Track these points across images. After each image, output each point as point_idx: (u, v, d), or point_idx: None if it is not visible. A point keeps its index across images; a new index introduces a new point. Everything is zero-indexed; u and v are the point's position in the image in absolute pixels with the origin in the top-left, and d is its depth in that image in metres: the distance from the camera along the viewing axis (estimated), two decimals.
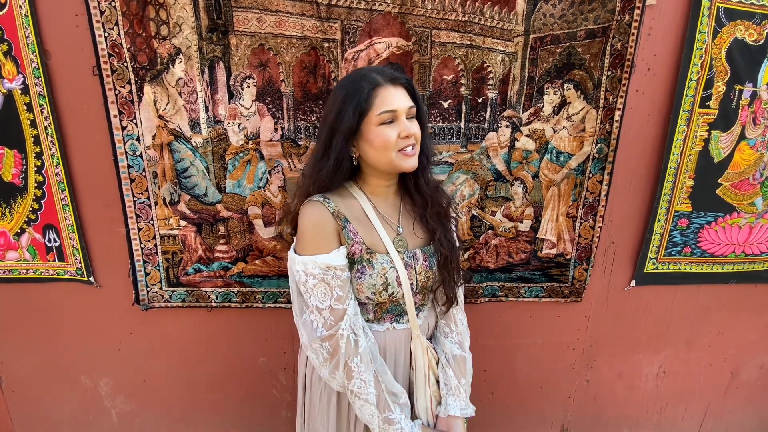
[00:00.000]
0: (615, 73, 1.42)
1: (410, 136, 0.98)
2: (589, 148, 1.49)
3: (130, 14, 1.25)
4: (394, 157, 0.99)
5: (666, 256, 1.69)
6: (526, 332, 1.77)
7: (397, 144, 0.98)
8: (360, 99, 0.96)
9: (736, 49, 1.45)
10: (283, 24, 1.30)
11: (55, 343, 1.64)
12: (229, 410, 1.79)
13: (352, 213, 1.05)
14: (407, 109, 0.99)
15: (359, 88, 0.97)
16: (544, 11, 1.35)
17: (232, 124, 1.38)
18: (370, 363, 1.02)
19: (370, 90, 0.96)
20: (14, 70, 1.31)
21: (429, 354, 1.14)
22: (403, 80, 1.01)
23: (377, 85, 0.97)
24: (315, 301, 0.98)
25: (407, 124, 0.99)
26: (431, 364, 1.14)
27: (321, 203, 1.02)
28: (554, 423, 1.95)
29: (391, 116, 0.97)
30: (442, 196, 1.12)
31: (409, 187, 1.11)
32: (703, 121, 1.52)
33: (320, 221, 1.00)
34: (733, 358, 1.92)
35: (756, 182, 1.62)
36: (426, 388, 1.13)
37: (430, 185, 1.10)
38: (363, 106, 0.96)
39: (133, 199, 1.43)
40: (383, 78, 0.98)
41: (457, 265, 1.12)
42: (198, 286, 1.55)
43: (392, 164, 1.00)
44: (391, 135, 0.97)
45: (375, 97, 0.97)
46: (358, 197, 1.07)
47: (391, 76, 1.00)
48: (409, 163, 1.00)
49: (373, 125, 0.98)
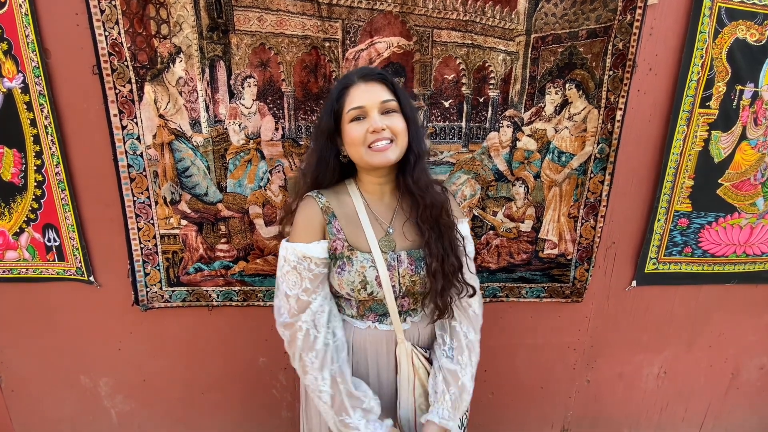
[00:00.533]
0: (617, 73, 1.42)
1: (378, 129, 0.97)
2: (591, 148, 1.49)
3: (131, 13, 1.25)
4: (363, 153, 0.99)
5: (666, 256, 1.69)
6: (527, 332, 1.77)
7: (366, 139, 0.98)
8: (332, 100, 1.02)
9: (737, 49, 1.45)
10: (284, 23, 1.30)
11: (54, 343, 1.63)
12: (229, 410, 1.79)
13: (343, 210, 1.06)
14: (379, 104, 0.99)
15: (333, 90, 1.03)
16: (546, 10, 1.35)
17: (233, 124, 1.38)
18: (329, 362, 1.00)
19: (341, 90, 1.01)
20: (14, 69, 1.31)
21: (415, 361, 1.09)
22: (377, 75, 1.02)
23: (348, 84, 1.01)
24: (285, 287, 1.01)
25: (376, 119, 0.98)
26: (418, 372, 1.09)
27: (313, 198, 1.06)
28: (555, 423, 1.95)
29: (359, 112, 0.99)
30: (437, 196, 1.05)
31: (401, 186, 1.08)
32: (703, 121, 1.52)
33: (309, 214, 1.04)
34: (733, 358, 1.92)
35: (757, 182, 1.62)
36: (409, 396, 1.09)
37: (420, 183, 1.04)
38: (335, 107, 1.01)
39: (133, 198, 1.43)
40: (357, 76, 1.01)
41: (450, 274, 1.04)
42: (199, 285, 1.55)
43: (363, 160, 1.00)
44: (359, 131, 0.98)
45: (345, 96, 1.00)
46: (353, 195, 1.09)
47: (364, 73, 1.02)
48: (378, 159, 0.99)
49: (347, 123, 1.00)
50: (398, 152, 1.01)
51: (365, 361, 1.10)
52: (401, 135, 1.00)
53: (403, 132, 1.01)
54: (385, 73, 1.04)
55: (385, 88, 1.01)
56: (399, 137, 1.00)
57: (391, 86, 1.02)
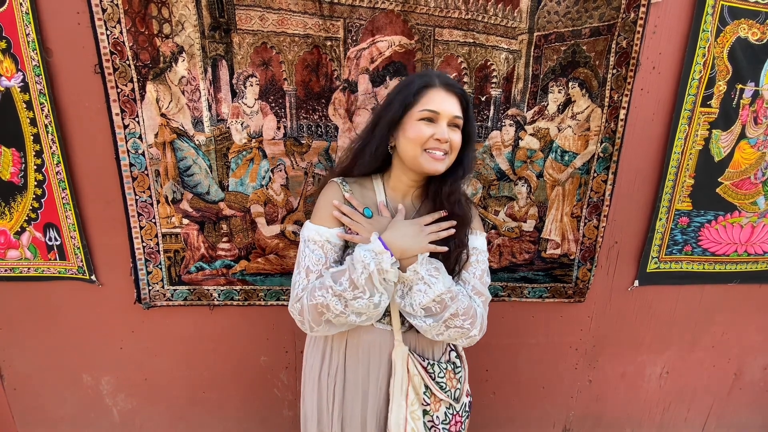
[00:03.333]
0: (620, 72, 1.41)
1: (444, 141, 1.00)
2: (594, 147, 1.49)
3: (133, 12, 1.25)
4: (419, 153, 1.02)
5: (667, 255, 1.69)
6: (529, 332, 1.77)
7: (428, 143, 1.01)
8: (409, 93, 1.02)
9: (738, 48, 1.44)
10: (286, 22, 1.29)
11: (56, 341, 1.63)
12: (231, 409, 1.79)
13: (364, 202, 1.08)
14: (451, 117, 1.02)
15: (411, 83, 1.03)
16: (549, 9, 1.34)
17: (235, 123, 1.38)
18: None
19: (421, 87, 1.02)
20: (13, 68, 1.30)
21: (410, 367, 1.07)
22: (458, 90, 1.04)
23: (429, 84, 1.02)
24: (309, 262, 1.02)
25: (445, 129, 1.01)
26: (413, 380, 1.06)
27: (338, 185, 1.08)
28: (557, 423, 1.94)
29: (431, 115, 1.01)
30: (465, 214, 1.07)
31: (429, 193, 1.10)
32: (704, 120, 1.52)
33: (332, 200, 1.06)
34: (736, 358, 1.91)
35: (758, 181, 1.62)
36: (401, 401, 1.06)
37: (452, 198, 1.06)
38: (409, 100, 1.02)
39: (134, 197, 1.43)
40: (439, 81, 1.03)
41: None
42: (200, 285, 1.55)
43: (416, 161, 1.03)
44: (425, 131, 1.00)
45: (423, 95, 1.01)
46: (377, 190, 1.11)
47: (447, 82, 1.03)
48: (432, 166, 1.02)
49: (414, 119, 1.02)
50: (447, 165, 1.04)
51: (357, 354, 1.09)
52: (455, 151, 1.05)
53: (458, 148, 1.05)
54: (464, 91, 1.06)
55: (459, 104, 1.04)
56: (452, 153, 1.04)
57: (465, 104, 1.05)
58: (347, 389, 1.10)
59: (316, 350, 1.15)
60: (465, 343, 1.08)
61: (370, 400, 1.10)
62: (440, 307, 0.99)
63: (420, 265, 0.99)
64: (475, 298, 1.07)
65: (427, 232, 1.02)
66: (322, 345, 1.13)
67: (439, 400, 1.10)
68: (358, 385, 1.09)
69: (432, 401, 1.09)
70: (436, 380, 1.09)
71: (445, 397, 1.09)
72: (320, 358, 1.13)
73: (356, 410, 1.10)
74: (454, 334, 1.02)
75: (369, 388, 1.10)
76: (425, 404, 1.08)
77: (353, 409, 1.10)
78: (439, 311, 0.99)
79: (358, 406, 1.10)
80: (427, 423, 1.09)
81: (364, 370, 1.09)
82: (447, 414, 1.11)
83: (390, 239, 0.99)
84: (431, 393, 1.09)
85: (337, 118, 1.40)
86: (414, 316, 1.02)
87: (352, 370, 1.10)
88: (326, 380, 1.11)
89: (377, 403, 1.10)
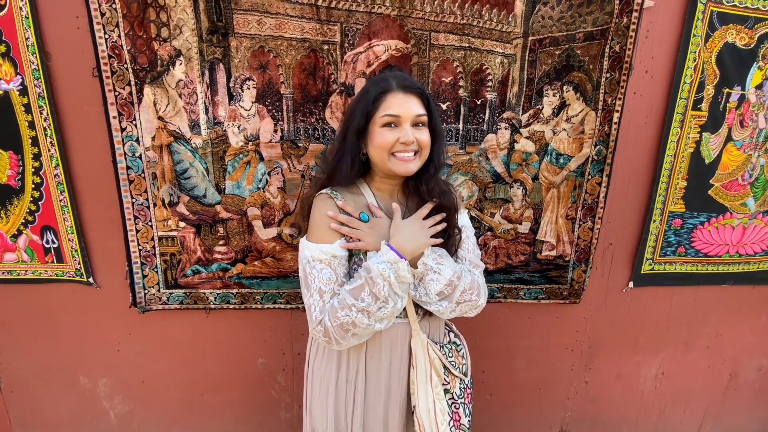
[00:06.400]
0: (613, 75, 1.43)
1: (410, 143, 1.02)
2: (589, 150, 1.50)
3: (131, 16, 1.26)
4: (386, 158, 1.04)
5: (661, 257, 1.70)
6: (525, 334, 1.78)
7: (394, 147, 1.02)
8: (368, 101, 1.03)
9: (726, 52, 1.47)
10: (283, 26, 1.30)
11: (54, 344, 1.63)
12: (228, 411, 1.79)
13: (356, 206, 1.09)
14: (413, 117, 1.03)
15: (368, 92, 1.05)
16: (543, 13, 1.36)
17: (232, 126, 1.39)
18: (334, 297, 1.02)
19: (378, 93, 1.03)
20: (12, 72, 1.31)
21: (431, 353, 1.13)
22: (416, 88, 1.05)
23: (385, 89, 1.03)
24: (319, 284, 1.02)
25: (409, 131, 1.02)
26: (434, 363, 1.13)
27: (329, 196, 1.08)
28: (553, 424, 1.95)
29: (393, 120, 1.02)
30: (450, 202, 1.11)
31: (411, 189, 1.13)
32: (695, 123, 1.54)
33: (326, 214, 1.06)
34: (731, 359, 1.93)
35: (745, 183, 1.64)
36: (428, 387, 1.12)
37: (434, 192, 1.09)
38: (369, 108, 1.03)
39: (131, 200, 1.43)
40: (396, 83, 1.04)
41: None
42: (196, 288, 1.55)
43: (386, 165, 1.05)
44: (389, 137, 1.02)
45: (382, 101, 1.03)
46: (366, 193, 1.12)
47: (404, 84, 1.04)
48: (402, 168, 1.04)
49: (377, 126, 1.03)
50: (419, 164, 1.06)
51: (379, 354, 1.11)
52: (425, 149, 1.06)
53: (428, 146, 1.06)
54: (423, 88, 1.08)
55: (420, 102, 1.05)
56: (423, 150, 1.05)
57: (426, 101, 1.06)
58: (369, 390, 1.12)
59: (328, 361, 1.14)
60: (474, 314, 1.13)
61: (392, 394, 1.13)
62: (451, 288, 1.05)
63: (427, 257, 1.04)
64: (473, 271, 1.13)
65: (427, 226, 1.06)
66: (336, 355, 1.13)
67: (455, 377, 1.17)
68: (381, 383, 1.12)
69: (450, 379, 1.16)
70: (450, 360, 1.17)
71: (458, 374, 1.17)
72: (335, 368, 1.13)
73: (378, 410, 1.12)
74: (465, 308, 1.09)
75: (391, 382, 1.12)
76: (446, 383, 1.15)
77: (375, 408, 1.12)
78: (450, 292, 1.05)
79: (380, 404, 1.12)
80: (449, 401, 1.15)
81: (386, 366, 1.11)
82: (461, 389, 1.19)
83: (399, 244, 1.01)
84: (449, 372, 1.16)
85: (334, 121, 1.41)
86: (429, 303, 1.07)
87: (374, 370, 1.12)
88: (344, 387, 1.12)
89: (400, 396, 1.14)
